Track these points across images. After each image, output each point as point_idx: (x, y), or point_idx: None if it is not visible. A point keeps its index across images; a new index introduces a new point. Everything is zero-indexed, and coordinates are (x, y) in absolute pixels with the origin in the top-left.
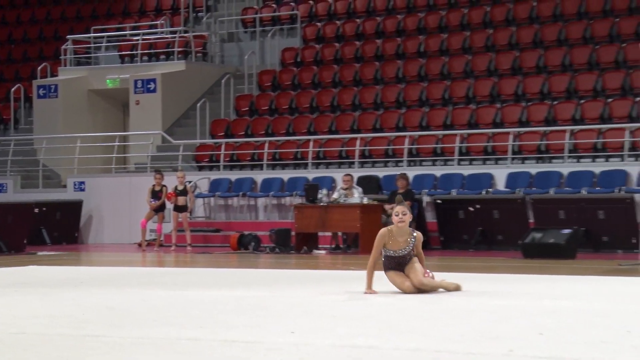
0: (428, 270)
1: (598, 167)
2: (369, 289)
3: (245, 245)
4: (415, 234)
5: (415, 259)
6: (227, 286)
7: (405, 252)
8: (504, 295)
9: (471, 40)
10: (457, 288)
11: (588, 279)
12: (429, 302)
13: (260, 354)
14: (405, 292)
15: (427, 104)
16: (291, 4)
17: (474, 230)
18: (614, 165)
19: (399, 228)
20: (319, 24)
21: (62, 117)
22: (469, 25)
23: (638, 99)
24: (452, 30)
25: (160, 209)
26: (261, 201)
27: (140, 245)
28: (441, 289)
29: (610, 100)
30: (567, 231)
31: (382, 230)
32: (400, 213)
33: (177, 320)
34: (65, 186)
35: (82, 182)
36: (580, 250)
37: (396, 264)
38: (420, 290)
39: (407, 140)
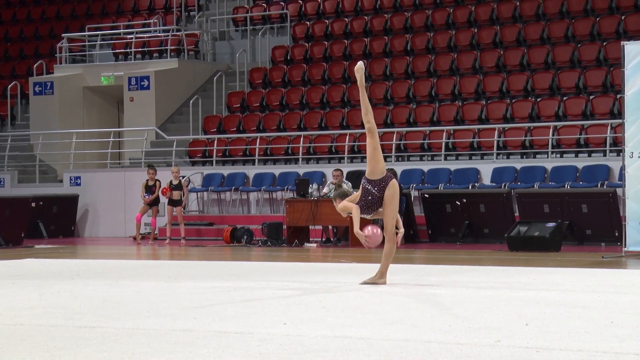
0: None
1: (581, 162)
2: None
3: (237, 239)
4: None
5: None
6: (219, 278)
7: None
8: (490, 287)
9: (456, 38)
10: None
11: (572, 271)
12: (417, 294)
13: (253, 345)
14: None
15: (414, 101)
16: (281, 3)
17: (461, 224)
18: (596, 160)
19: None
20: (308, 22)
21: (58, 114)
22: (455, 24)
23: (619, 96)
24: (438, 28)
25: (154, 203)
26: (253, 195)
27: (134, 238)
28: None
29: (592, 97)
30: (551, 224)
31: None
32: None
33: (170, 311)
34: (61, 181)
35: (78, 177)
36: (565, 243)
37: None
38: None
39: (394, 136)
